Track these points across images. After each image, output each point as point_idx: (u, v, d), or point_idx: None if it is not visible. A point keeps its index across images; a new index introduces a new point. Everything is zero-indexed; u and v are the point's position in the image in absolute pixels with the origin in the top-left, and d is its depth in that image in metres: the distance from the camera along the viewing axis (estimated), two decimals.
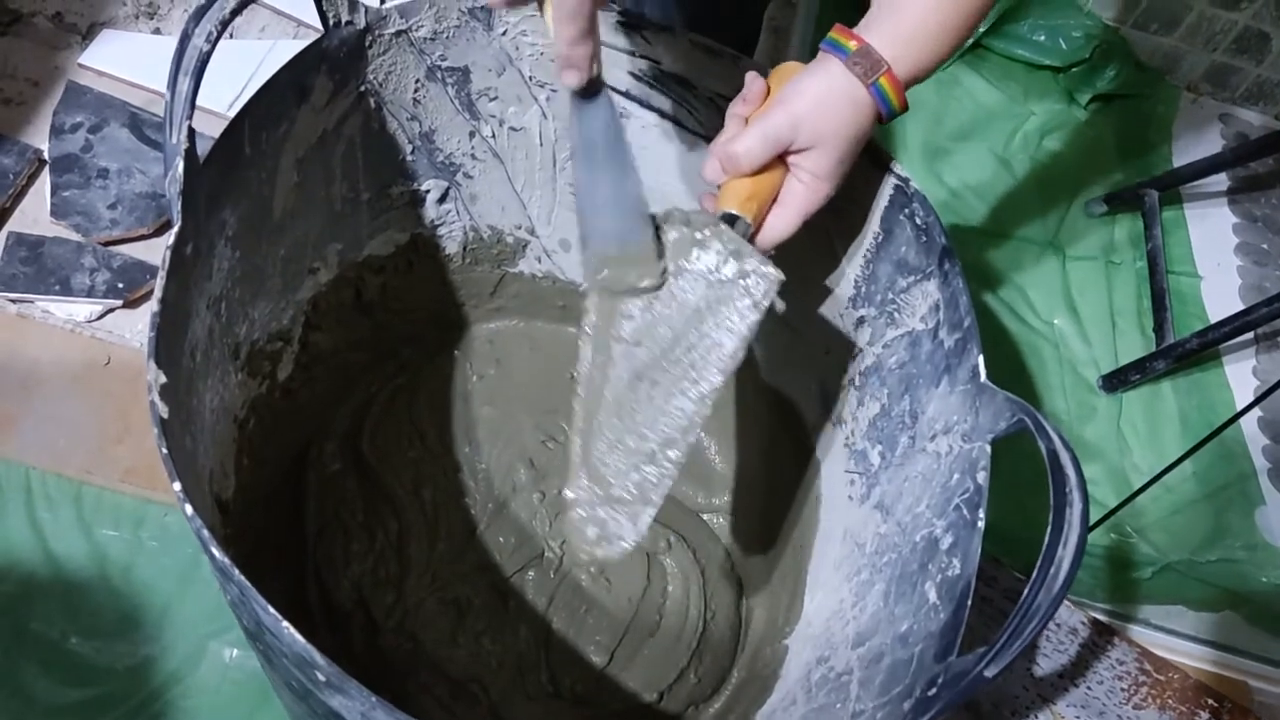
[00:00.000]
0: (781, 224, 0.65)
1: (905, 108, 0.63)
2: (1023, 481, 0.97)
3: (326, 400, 0.90)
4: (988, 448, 0.61)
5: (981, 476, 0.61)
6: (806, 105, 0.62)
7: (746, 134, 0.62)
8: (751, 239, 0.64)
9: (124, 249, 1.06)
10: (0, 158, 1.08)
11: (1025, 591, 0.52)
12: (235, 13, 0.57)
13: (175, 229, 0.55)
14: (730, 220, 0.63)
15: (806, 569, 0.84)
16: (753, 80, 0.66)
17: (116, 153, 1.11)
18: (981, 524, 0.60)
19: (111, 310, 1.03)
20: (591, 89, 0.62)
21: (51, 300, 1.01)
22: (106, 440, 0.96)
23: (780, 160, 0.64)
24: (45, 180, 1.08)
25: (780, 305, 0.63)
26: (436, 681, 0.83)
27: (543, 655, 0.86)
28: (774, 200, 0.65)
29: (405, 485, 0.91)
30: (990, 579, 1.06)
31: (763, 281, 0.62)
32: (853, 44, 0.61)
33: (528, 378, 1.00)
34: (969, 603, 0.58)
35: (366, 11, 0.69)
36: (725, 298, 0.62)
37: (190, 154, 0.56)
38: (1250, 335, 1.36)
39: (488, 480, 0.93)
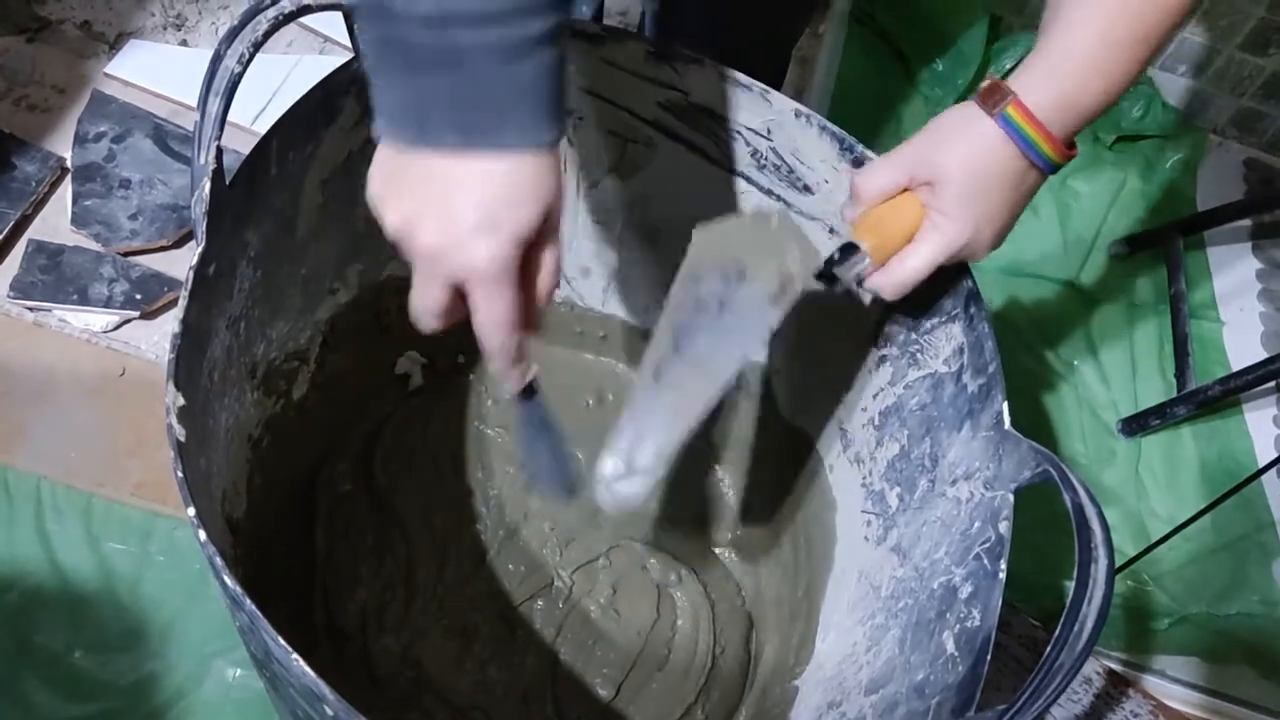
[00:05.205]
0: (909, 263, 0.63)
1: (1051, 139, 0.59)
2: (1036, 525, 0.95)
3: (340, 421, 0.90)
4: (1011, 497, 0.61)
5: (1004, 526, 0.60)
6: (927, 135, 0.62)
7: (873, 163, 0.64)
8: (866, 276, 0.63)
9: (143, 260, 1.06)
10: (23, 164, 1.08)
11: (1048, 649, 0.51)
12: (268, 34, 0.57)
13: (200, 250, 0.55)
14: (849, 249, 0.63)
15: (819, 609, 0.83)
16: None
17: (139, 163, 1.11)
18: (1003, 575, 0.59)
19: (128, 321, 1.03)
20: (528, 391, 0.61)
21: (69, 309, 1.01)
22: (118, 453, 0.96)
23: (918, 201, 0.63)
24: (67, 188, 1.08)
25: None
26: (440, 708, 0.82)
27: (549, 686, 0.85)
28: (907, 241, 0.63)
29: (415, 509, 0.90)
30: (1004, 624, 1.04)
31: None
32: (986, 83, 0.60)
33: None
34: (989, 656, 0.57)
35: None
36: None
37: (218, 175, 0.56)
38: (1272, 384, 1.34)
39: (499, 507, 0.92)
